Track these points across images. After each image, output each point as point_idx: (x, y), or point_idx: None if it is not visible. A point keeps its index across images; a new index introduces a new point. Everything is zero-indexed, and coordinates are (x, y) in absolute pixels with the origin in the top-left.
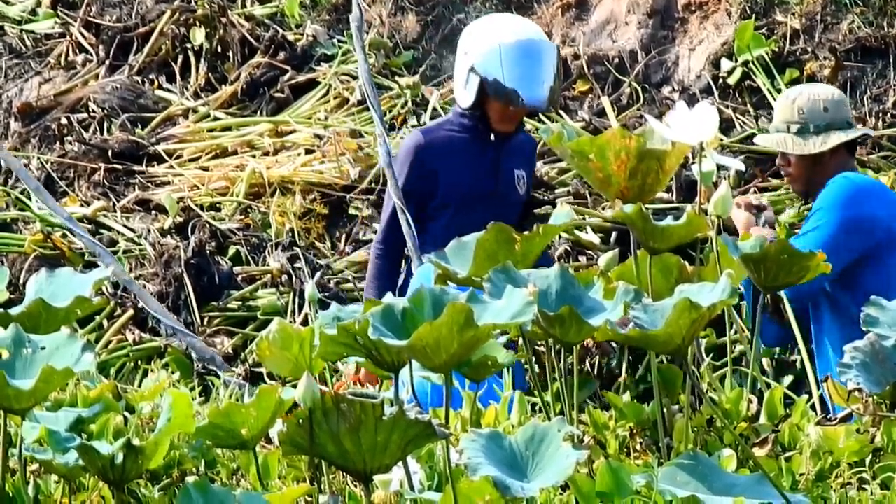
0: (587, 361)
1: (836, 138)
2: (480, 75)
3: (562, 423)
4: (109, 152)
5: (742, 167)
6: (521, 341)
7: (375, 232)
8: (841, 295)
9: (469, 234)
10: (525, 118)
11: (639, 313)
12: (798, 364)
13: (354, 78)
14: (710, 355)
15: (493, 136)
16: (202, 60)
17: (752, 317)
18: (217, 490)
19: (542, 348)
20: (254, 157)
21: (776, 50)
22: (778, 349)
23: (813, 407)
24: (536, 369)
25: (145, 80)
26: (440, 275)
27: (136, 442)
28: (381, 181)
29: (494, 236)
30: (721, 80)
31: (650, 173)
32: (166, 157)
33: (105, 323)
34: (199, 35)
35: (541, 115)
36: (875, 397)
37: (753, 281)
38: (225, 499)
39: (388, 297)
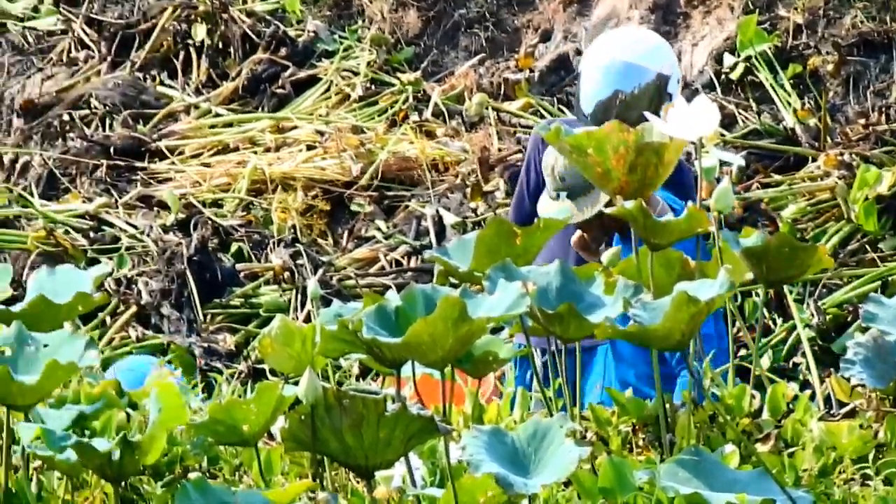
0: None
1: None
2: None
3: (564, 419)
4: (111, 149)
5: (743, 163)
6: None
7: (378, 229)
8: None
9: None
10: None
11: (638, 311)
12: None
13: (356, 74)
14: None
15: None
16: (203, 56)
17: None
18: (216, 488)
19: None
20: (255, 153)
21: (779, 45)
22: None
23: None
24: (539, 365)
25: (147, 76)
26: (441, 271)
27: (131, 437)
28: (379, 177)
29: (495, 230)
30: (723, 76)
31: (649, 167)
32: (168, 154)
33: (108, 320)
34: (200, 31)
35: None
36: (878, 392)
37: (755, 275)
38: (224, 497)
39: (390, 294)
